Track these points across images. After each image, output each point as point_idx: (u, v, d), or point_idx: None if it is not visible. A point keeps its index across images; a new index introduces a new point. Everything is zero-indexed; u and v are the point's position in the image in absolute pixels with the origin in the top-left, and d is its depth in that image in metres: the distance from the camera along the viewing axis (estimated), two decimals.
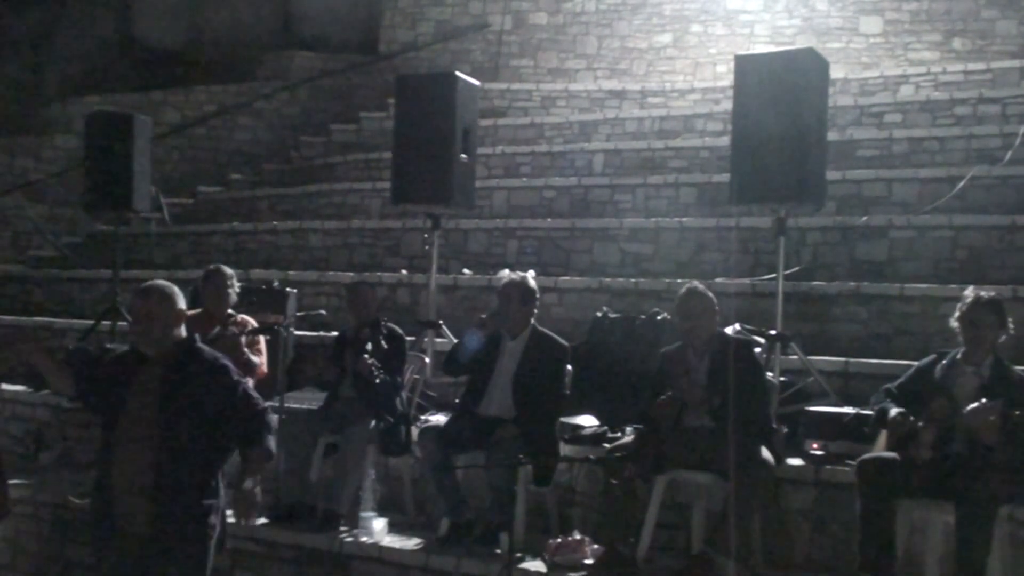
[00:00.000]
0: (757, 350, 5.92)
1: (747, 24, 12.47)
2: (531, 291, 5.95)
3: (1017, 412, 4.60)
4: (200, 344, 4.36)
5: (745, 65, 6.40)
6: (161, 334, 4.22)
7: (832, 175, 7.57)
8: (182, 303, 4.32)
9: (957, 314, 5.07)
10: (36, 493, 6.80)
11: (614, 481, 5.27)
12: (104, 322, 8.53)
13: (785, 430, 5.77)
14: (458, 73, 7.45)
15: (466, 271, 8.88)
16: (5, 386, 8.01)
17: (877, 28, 11.97)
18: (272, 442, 4.26)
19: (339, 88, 13.94)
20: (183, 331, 4.30)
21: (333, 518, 5.98)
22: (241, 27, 14.67)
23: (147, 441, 4.08)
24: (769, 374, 5.91)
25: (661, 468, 5.28)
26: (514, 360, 5.87)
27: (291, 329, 7.46)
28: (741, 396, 5.21)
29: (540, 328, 5.99)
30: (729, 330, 6.19)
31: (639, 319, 6.86)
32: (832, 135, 7.95)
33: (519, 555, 5.33)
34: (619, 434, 5.93)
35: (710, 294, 5.56)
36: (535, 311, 5.99)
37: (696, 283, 5.65)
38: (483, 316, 6.07)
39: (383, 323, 6.54)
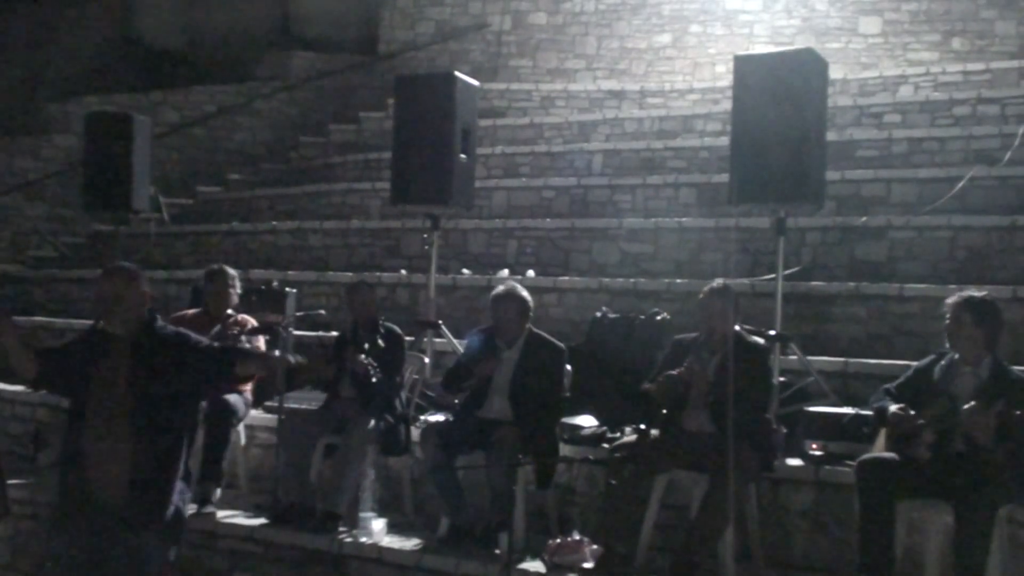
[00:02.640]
0: None
1: (746, 24, 12.48)
2: (525, 302, 5.94)
3: (1017, 412, 4.59)
4: (160, 322, 4.51)
5: (744, 65, 6.39)
6: (128, 313, 4.37)
7: (831, 175, 7.57)
8: (146, 284, 4.49)
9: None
10: (36, 493, 6.79)
11: (614, 481, 5.27)
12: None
13: (785, 430, 5.78)
14: (457, 73, 7.44)
15: (465, 271, 8.88)
16: (5, 386, 8.03)
17: (876, 28, 11.98)
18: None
19: (339, 88, 13.94)
20: (145, 311, 4.47)
21: (332, 518, 5.98)
22: (241, 27, 14.66)
23: (119, 416, 4.22)
24: None
25: (661, 468, 5.28)
26: (511, 366, 5.86)
27: (291, 329, 7.45)
28: (745, 399, 5.21)
29: (536, 331, 5.98)
30: None
31: (638, 319, 6.86)
32: (832, 135, 7.94)
33: (519, 556, 5.33)
34: (619, 434, 5.92)
35: (731, 294, 5.56)
36: (530, 316, 5.98)
37: (720, 282, 5.65)
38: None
39: (381, 323, 6.55)
